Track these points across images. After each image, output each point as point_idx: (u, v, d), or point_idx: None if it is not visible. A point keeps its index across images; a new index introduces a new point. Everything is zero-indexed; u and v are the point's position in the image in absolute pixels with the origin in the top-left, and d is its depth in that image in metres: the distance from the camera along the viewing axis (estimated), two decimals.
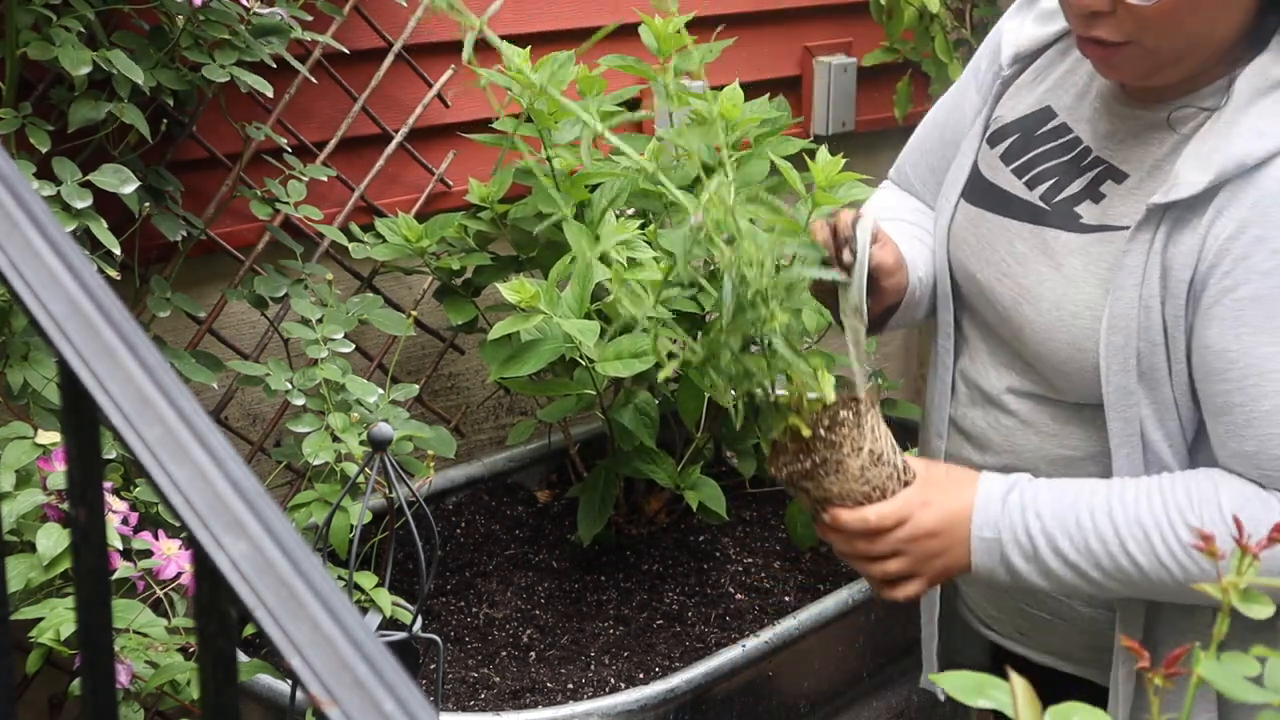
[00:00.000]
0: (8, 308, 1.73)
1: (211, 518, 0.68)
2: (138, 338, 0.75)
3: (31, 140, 1.81)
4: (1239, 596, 0.77)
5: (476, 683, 2.01)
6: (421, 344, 2.56)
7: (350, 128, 2.34)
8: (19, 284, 0.78)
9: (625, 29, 2.51)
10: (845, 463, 1.35)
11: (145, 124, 1.88)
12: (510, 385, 2.07)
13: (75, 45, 1.79)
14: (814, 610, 2.03)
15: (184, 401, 0.72)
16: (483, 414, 2.69)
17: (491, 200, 2.25)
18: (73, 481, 0.81)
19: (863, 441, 1.36)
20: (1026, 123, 1.52)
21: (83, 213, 1.75)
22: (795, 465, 1.37)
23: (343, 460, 1.85)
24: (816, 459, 1.36)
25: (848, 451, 1.35)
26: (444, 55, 2.43)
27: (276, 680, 1.77)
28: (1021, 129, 1.52)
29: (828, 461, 1.35)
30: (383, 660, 0.63)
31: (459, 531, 2.36)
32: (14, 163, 0.86)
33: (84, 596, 0.81)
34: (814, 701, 2.09)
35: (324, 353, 1.94)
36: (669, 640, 2.11)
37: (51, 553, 1.49)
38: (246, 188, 2.15)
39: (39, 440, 1.59)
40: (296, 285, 2.11)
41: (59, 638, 1.46)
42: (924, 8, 2.65)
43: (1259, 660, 0.78)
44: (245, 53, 1.94)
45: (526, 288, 1.88)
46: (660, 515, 2.38)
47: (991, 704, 0.77)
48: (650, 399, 2.14)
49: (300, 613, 0.64)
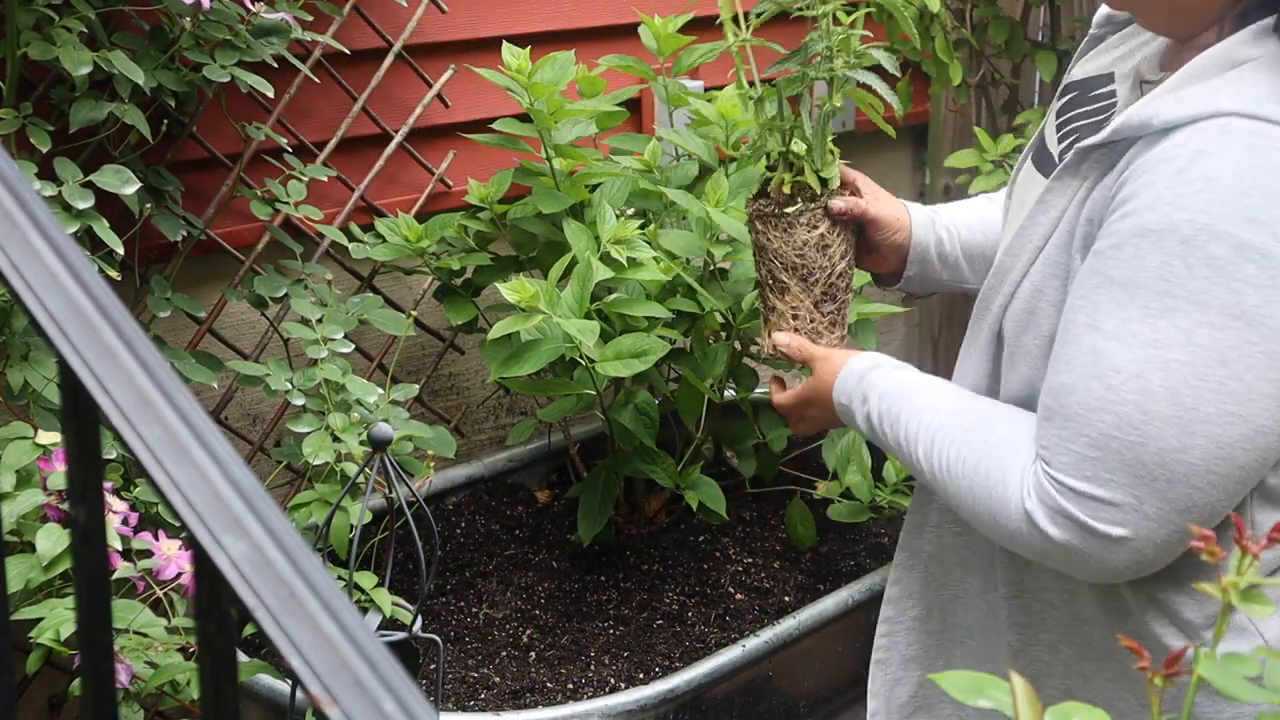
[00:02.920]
0: (8, 308, 1.73)
1: (211, 518, 0.68)
2: (138, 338, 0.75)
3: (32, 140, 1.81)
4: (1239, 596, 0.77)
5: (476, 683, 2.01)
6: (421, 344, 2.56)
7: (350, 128, 2.34)
8: (19, 284, 0.78)
9: (625, 29, 2.52)
10: (797, 229, 1.63)
11: (146, 124, 1.89)
12: (510, 385, 2.07)
13: (76, 45, 1.79)
14: (814, 610, 2.03)
15: (184, 401, 0.72)
16: (483, 414, 2.69)
17: (491, 200, 2.25)
18: (73, 481, 0.81)
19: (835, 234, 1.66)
20: (1088, 84, 1.50)
21: (84, 213, 1.75)
22: (761, 208, 1.64)
23: (343, 460, 1.85)
24: (778, 212, 1.62)
25: (805, 222, 1.62)
26: (444, 55, 2.43)
27: (276, 680, 1.77)
28: (1082, 88, 1.51)
29: (785, 219, 1.62)
30: (383, 660, 0.63)
31: (459, 531, 2.36)
32: (14, 163, 0.86)
33: (84, 596, 0.81)
34: (814, 701, 2.09)
35: (324, 353, 1.94)
36: (669, 640, 2.11)
37: (51, 553, 1.49)
38: (246, 188, 2.15)
39: (39, 440, 1.59)
40: (296, 285, 2.11)
41: (59, 638, 1.46)
42: (924, 8, 2.65)
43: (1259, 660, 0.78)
44: (246, 53, 1.94)
45: (526, 288, 1.88)
46: (660, 515, 2.38)
47: (991, 704, 0.77)
48: (650, 399, 2.14)
49: (300, 613, 0.64)
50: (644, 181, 2.21)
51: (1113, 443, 1.24)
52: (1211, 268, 1.20)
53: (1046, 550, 1.31)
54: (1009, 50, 2.91)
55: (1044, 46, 2.90)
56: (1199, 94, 1.25)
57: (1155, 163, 1.24)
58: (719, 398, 2.20)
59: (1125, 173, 1.28)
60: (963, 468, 1.38)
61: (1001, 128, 2.99)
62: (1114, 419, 1.24)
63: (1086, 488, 1.26)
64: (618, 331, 2.04)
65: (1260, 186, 1.20)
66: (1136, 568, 1.29)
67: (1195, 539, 1.22)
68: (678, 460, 2.22)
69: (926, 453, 1.42)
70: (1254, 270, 1.20)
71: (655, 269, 2.02)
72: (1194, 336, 1.21)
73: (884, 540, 2.39)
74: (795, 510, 2.32)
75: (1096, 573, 1.30)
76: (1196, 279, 1.21)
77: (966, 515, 1.40)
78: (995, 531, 1.36)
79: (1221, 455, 1.22)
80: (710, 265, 2.19)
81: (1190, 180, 1.22)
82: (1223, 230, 1.20)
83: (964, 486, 1.38)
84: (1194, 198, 1.21)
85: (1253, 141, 1.21)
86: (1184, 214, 1.21)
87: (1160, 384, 1.22)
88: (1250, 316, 1.20)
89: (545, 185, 2.19)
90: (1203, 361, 1.21)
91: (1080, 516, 1.27)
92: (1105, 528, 1.26)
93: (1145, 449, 1.23)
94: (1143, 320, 1.23)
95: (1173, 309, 1.22)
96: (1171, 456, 1.23)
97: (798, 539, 2.32)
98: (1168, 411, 1.22)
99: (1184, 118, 1.24)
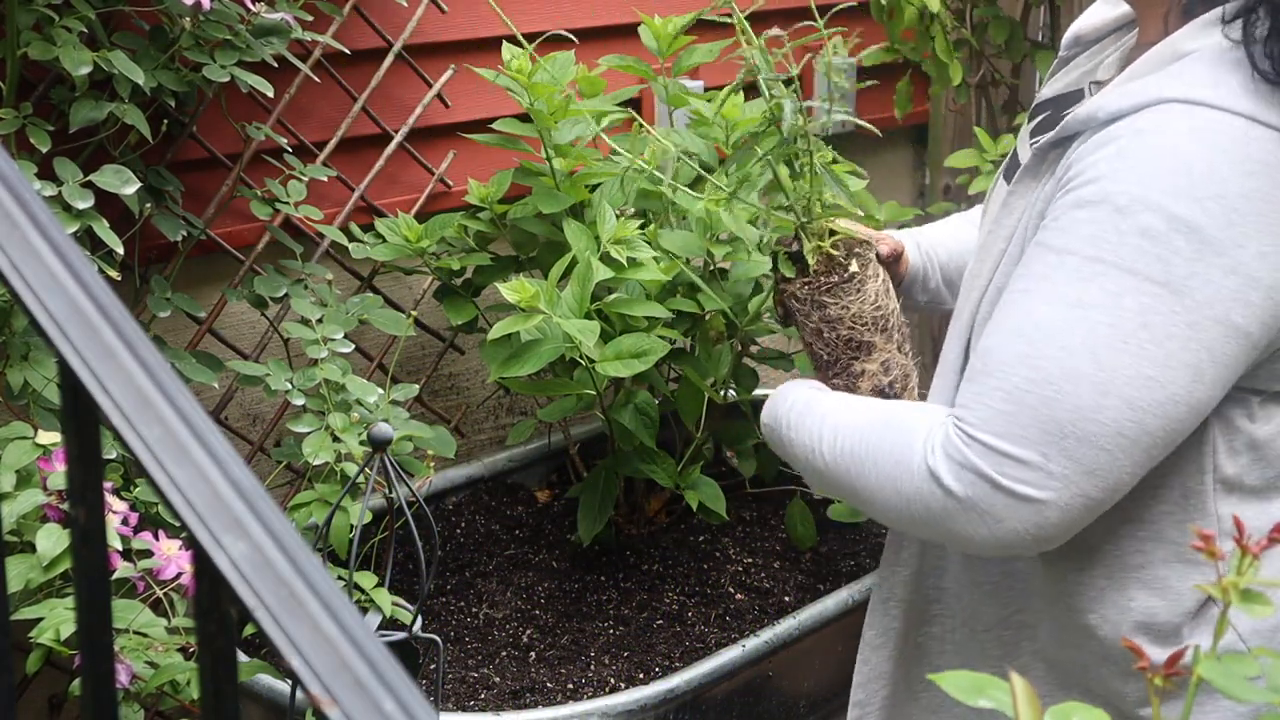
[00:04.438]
0: (8, 308, 1.73)
1: (211, 518, 0.68)
2: (138, 338, 0.75)
3: (32, 140, 1.81)
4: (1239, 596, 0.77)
5: (476, 683, 2.01)
6: (421, 344, 2.56)
7: (350, 128, 2.34)
8: (19, 284, 0.78)
9: (625, 29, 2.52)
10: (867, 284, 1.58)
11: (146, 124, 1.89)
12: (510, 385, 2.07)
13: (76, 46, 1.79)
14: (814, 610, 2.03)
15: (184, 401, 0.72)
16: (483, 414, 2.69)
17: (491, 200, 2.25)
18: (73, 481, 0.81)
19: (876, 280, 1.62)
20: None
21: (84, 213, 1.75)
22: (823, 280, 1.58)
23: (343, 460, 1.85)
24: (844, 275, 1.57)
25: (871, 274, 1.59)
26: (444, 55, 2.43)
27: (276, 680, 1.77)
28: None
29: (855, 278, 1.57)
30: (383, 660, 0.63)
31: (459, 531, 2.36)
32: (14, 163, 0.86)
33: (84, 596, 0.81)
34: (814, 701, 2.09)
35: (324, 353, 1.94)
36: (669, 640, 2.11)
37: (51, 553, 1.48)
38: (246, 188, 2.15)
39: (39, 440, 1.59)
40: (296, 285, 2.11)
41: (59, 638, 1.46)
42: (924, 8, 2.65)
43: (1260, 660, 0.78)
44: (246, 53, 1.94)
45: (526, 288, 1.88)
46: (660, 515, 2.38)
47: (991, 704, 0.77)
48: (650, 399, 2.14)
49: (300, 613, 0.64)
50: (644, 181, 2.21)
51: (1028, 397, 1.26)
52: (1144, 236, 1.24)
53: (946, 509, 1.31)
54: (1009, 50, 2.91)
55: (1044, 46, 2.90)
56: (1143, 85, 1.30)
57: (1096, 146, 1.29)
58: (722, 399, 2.20)
59: (1070, 159, 1.32)
60: (865, 447, 1.39)
61: (1001, 128, 2.99)
62: (1031, 373, 1.26)
63: (997, 442, 1.27)
64: (618, 331, 2.04)
65: (1195, 165, 1.24)
66: (1037, 532, 1.29)
67: (1100, 509, 1.25)
68: (678, 460, 2.22)
69: (831, 445, 1.43)
70: (1183, 243, 1.23)
71: (655, 269, 2.02)
72: (1120, 300, 1.24)
73: (884, 540, 2.38)
74: (795, 510, 2.32)
75: (994, 535, 1.30)
76: (1127, 246, 1.24)
77: (866, 496, 1.40)
78: (895, 503, 1.36)
79: (1133, 419, 1.25)
80: (710, 265, 2.19)
81: (1127, 156, 1.26)
82: (1156, 202, 1.24)
83: (867, 464, 1.39)
84: (1130, 172, 1.25)
85: (1190, 124, 1.25)
86: (1119, 185, 1.25)
87: (1081, 342, 1.25)
88: (1176, 286, 1.24)
89: (545, 185, 2.19)
90: (1126, 324, 1.24)
91: (987, 470, 1.28)
92: (1010, 484, 1.27)
93: (1060, 404, 1.25)
94: (1070, 283, 1.27)
95: (1101, 274, 1.25)
96: (1084, 415, 1.25)
97: (798, 539, 2.32)
98: (1086, 369, 1.24)
99: (1128, 107, 1.28)
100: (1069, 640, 1.43)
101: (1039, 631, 1.47)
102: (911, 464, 1.33)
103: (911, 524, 1.37)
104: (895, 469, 1.35)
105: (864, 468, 1.39)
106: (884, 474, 1.36)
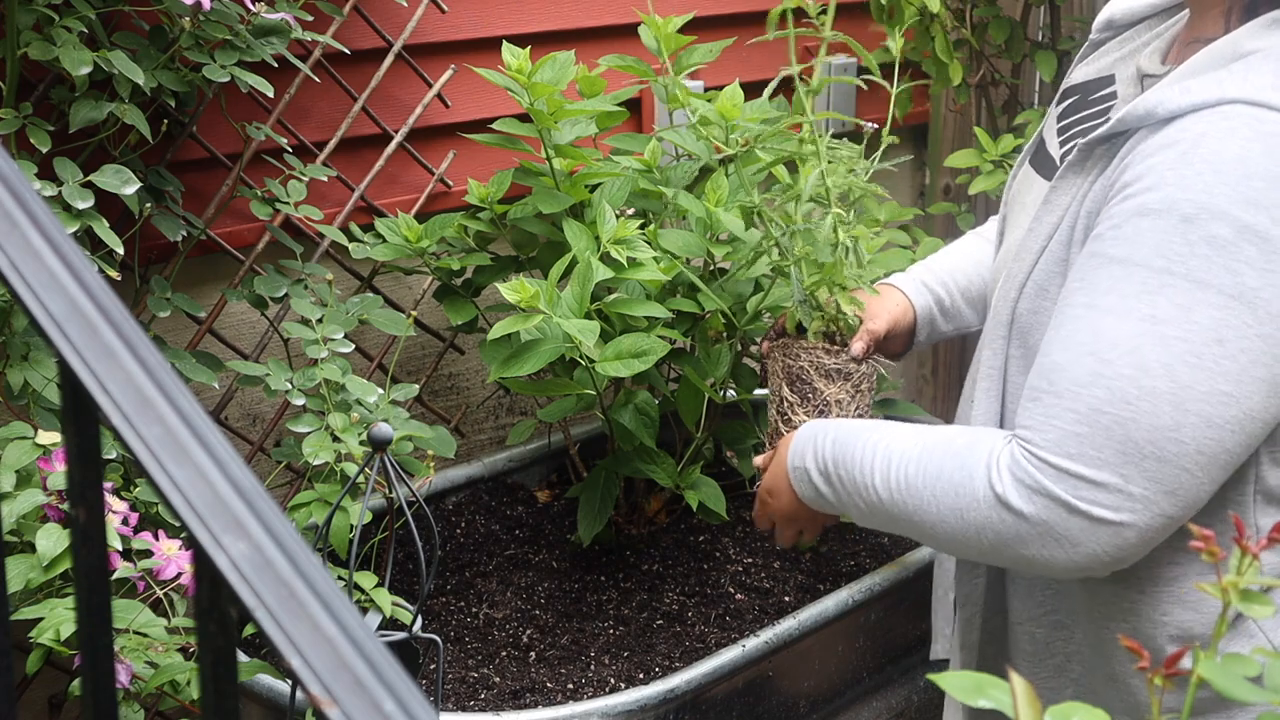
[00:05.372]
0: (8, 308, 1.73)
1: (211, 518, 0.68)
2: (138, 338, 0.75)
3: (32, 140, 1.81)
4: (1239, 596, 0.77)
5: (476, 683, 2.01)
6: (421, 344, 2.56)
7: (350, 128, 2.34)
8: (19, 284, 0.78)
9: (625, 29, 2.52)
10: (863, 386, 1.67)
11: (146, 124, 1.89)
12: (510, 385, 2.07)
13: (76, 45, 1.79)
14: (814, 610, 2.03)
15: (184, 401, 0.72)
16: (483, 414, 2.69)
17: (491, 200, 2.25)
18: (73, 481, 0.81)
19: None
20: (1089, 86, 1.50)
21: (85, 213, 1.75)
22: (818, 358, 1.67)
23: (343, 460, 1.85)
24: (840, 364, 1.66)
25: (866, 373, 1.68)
26: (444, 55, 2.43)
27: (276, 680, 1.77)
28: (1082, 91, 1.50)
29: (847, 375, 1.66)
30: (383, 660, 0.63)
31: (459, 531, 2.36)
32: (14, 163, 0.86)
33: (84, 596, 0.81)
34: (814, 701, 2.09)
35: (324, 353, 1.94)
36: (669, 640, 2.11)
37: (51, 553, 1.48)
38: (246, 188, 2.15)
39: (39, 440, 1.59)
40: (296, 285, 2.11)
41: (59, 638, 1.46)
42: (924, 8, 2.65)
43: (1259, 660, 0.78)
44: (246, 53, 1.94)
45: (526, 288, 1.87)
46: (660, 515, 2.38)
47: (991, 704, 0.77)
48: (650, 399, 2.14)
49: (300, 613, 0.64)
50: (644, 181, 2.21)
51: (1103, 418, 1.22)
52: (1212, 246, 1.19)
53: (1019, 534, 1.27)
54: (1009, 50, 2.91)
55: (1044, 46, 2.90)
56: (1204, 84, 1.25)
57: (1158, 147, 1.24)
58: (721, 398, 2.20)
59: (1126, 159, 1.27)
60: (923, 477, 1.34)
61: (1001, 128, 2.99)
62: (1106, 394, 1.22)
63: (1071, 465, 1.24)
64: (618, 331, 2.04)
65: (1262, 170, 1.20)
66: (1117, 553, 1.26)
67: (1182, 526, 1.22)
68: (678, 460, 2.22)
69: (884, 477, 1.38)
70: (1254, 252, 1.19)
71: (655, 269, 2.02)
72: (1192, 314, 1.20)
73: (884, 540, 2.39)
74: None
75: (1071, 559, 1.26)
76: (1197, 257, 1.20)
77: (929, 528, 1.35)
78: (962, 533, 1.31)
79: (1212, 436, 1.21)
80: (710, 265, 2.19)
81: (1192, 162, 1.21)
82: (1224, 210, 1.19)
83: (925, 495, 1.34)
84: (1196, 179, 1.21)
85: (1256, 127, 1.21)
86: (1185, 194, 1.21)
87: (1156, 359, 1.21)
88: (1248, 298, 1.20)
89: (545, 185, 2.19)
90: (1199, 339, 1.20)
91: (1062, 495, 1.24)
92: (1087, 507, 1.23)
93: (1137, 425, 1.21)
94: (1140, 296, 1.22)
95: (1170, 285, 1.21)
96: (1163, 434, 1.21)
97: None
98: (1162, 387, 1.20)
99: (1188, 106, 1.23)
100: (1102, 650, 1.41)
101: (1075, 634, 1.45)
102: (976, 491, 1.29)
103: (981, 553, 1.32)
104: (958, 498, 1.31)
105: (922, 499, 1.34)
106: (945, 504, 1.32)
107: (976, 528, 1.30)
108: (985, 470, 1.29)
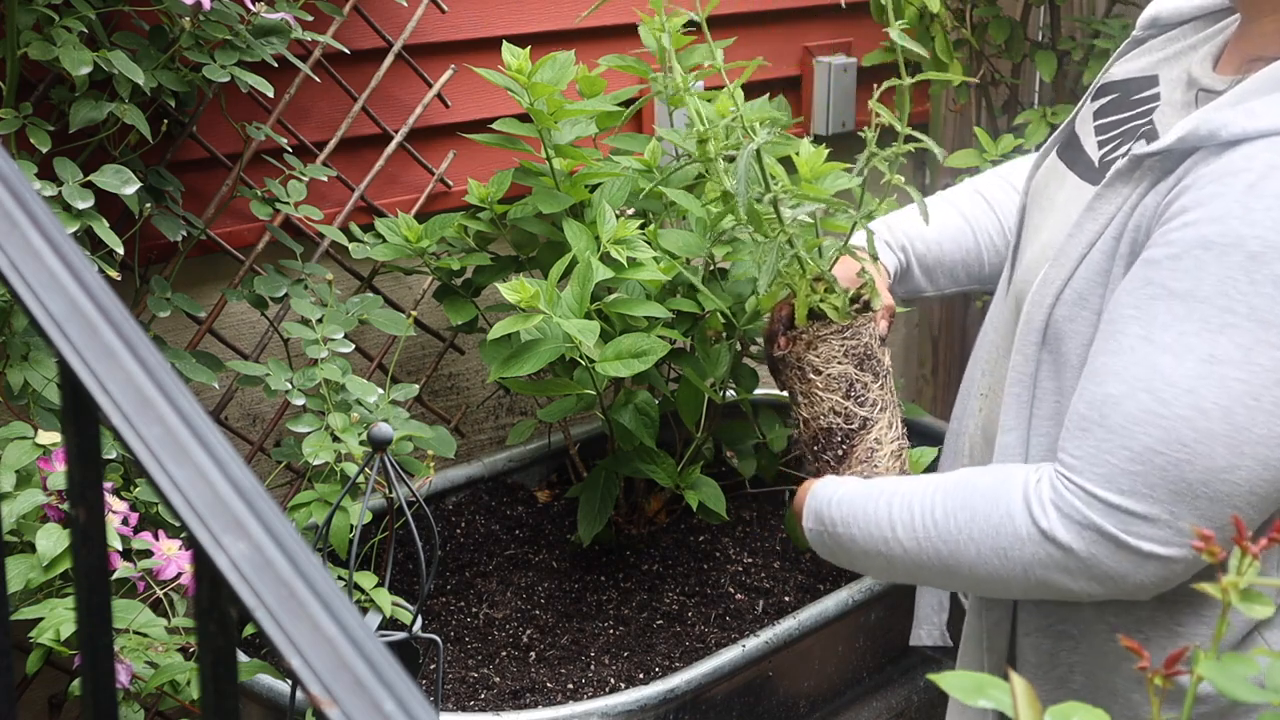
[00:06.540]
0: (8, 308, 1.73)
1: (211, 518, 0.68)
2: (138, 338, 0.75)
3: (32, 140, 1.81)
4: (1239, 596, 0.77)
5: (476, 683, 2.01)
6: (421, 344, 2.56)
7: (350, 128, 2.34)
8: (19, 284, 0.78)
9: (625, 29, 2.52)
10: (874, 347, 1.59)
11: (146, 124, 1.89)
12: (510, 385, 2.07)
13: (76, 45, 1.79)
14: (814, 610, 2.03)
15: (184, 401, 0.72)
16: (483, 414, 2.69)
17: (491, 200, 2.25)
18: (73, 481, 0.81)
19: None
20: (1130, 85, 1.47)
21: (85, 213, 1.75)
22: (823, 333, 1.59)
23: (343, 460, 1.85)
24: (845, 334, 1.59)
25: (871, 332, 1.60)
26: (444, 55, 2.43)
27: (276, 680, 1.77)
28: (1123, 90, 1.47)
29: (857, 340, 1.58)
30: (383, 660, 0.63)
31: (459, 531, 2.36)
32: (14, 163, 0.86)
33: (84, 596, 0.81)
34: (814, 701, 2.09)
35: (324, 353, 1.94)
36: (669, 640, 2.11)
37: (51, 553, 1.48)
38: (246, 188, 2.15)
39: (39, 440, 1.59)
40: (296, 285, 2.11)
41: (59, 638, 1.46)
42: (924, 8, 2.65)
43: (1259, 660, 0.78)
44: (246, 53, 1.94)
45: (526, 288, 1.88)
46: (660, 515, 2.38)
47: (991, 704, 0.77)
48: (650, 399, 2.14)
49: (300, 613, 0.64)
50: (644, 181, 2.21)
51: (1157, 458, 1.20)
52: (1277, 286, 1.17)
53: (1067, 568, 1.25)
54: (1009, 50, 2.91)
55: (1044, 46, 2.90)
56: (1271, 107, 1.21)
57: (1223, 174, 1.20)
58: (721, 398, 2.20)
59: (1185, 181, 1.23)
60: (954, 521, 1.32)
61: (1001, 128, 2.99)
62: (1162, 434, 1.20)
63: (1121, 500, 1.22)
64: (618, 331, 2.04)
65: None
66: (1162, 584, 1.25)
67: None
68: (678, 460, 2.22)
69: (907, 526, 1.36)
70: None
71: (655, 269, 2.02)
72: (1253, 355, 1.18)
73: None
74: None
75: (1119, 589, 1.26)
76: (1261, 296, 1.17)
77: (965, 571, 1.33)
78: (1005, 571, 1.29)
79: (1267, 477, 1.19)
80: (710, 265, 2.19)
81: (1261, 195, 1.18)
82: None
83: (960, 539, 1.32)
84: (1264, 214, 1.17)
85: None
86: (1251, 230, 1.17)
87: (1214, 401, 1.18)
88: None
89: (545, 185, 2.19)
90: (1260, 381, 1.18)
91: (1110, 529, 1.23)
92: (1138, 543, 1.22)
93: (1192, 466, 1.19)
94: (1200, 334, 1.19)
95: (1233, 325, 1.18)
96: (1217, 476, 1.19)
97: (798, 539, 2.32)
98: (1219, 430, 1.18)
99: (1254, 131, 1.20)
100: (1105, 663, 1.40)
101: (1080, 644, 1.43)
102: (1019, 529, 1.27)
103: (1025, 590, 1.30)
104: (999, 537, 1.29)
105: (958, 542, 1.32)
106: (986, 545, 1.30)
107: (1024, 565, 1.28)
108: (1024, 506, 1.28)
